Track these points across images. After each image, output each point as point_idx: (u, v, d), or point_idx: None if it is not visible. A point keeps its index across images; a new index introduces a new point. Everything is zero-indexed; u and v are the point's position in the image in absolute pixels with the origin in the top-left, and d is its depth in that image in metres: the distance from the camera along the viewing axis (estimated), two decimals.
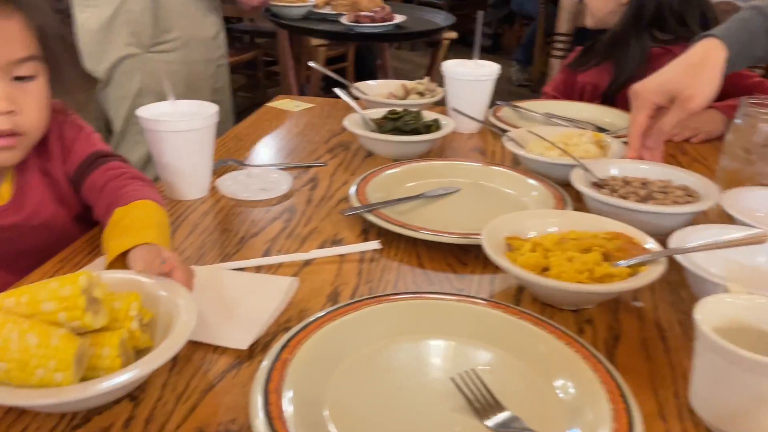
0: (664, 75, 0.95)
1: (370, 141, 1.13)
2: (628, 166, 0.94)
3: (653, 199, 0.83)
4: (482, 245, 0.71)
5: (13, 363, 0.48)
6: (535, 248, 0.72)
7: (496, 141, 1.24)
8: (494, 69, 1.25)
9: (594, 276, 0.67)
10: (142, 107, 0.92)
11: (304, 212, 0.93)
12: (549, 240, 0.73)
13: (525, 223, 0.77)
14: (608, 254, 0.71)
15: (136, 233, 0.71)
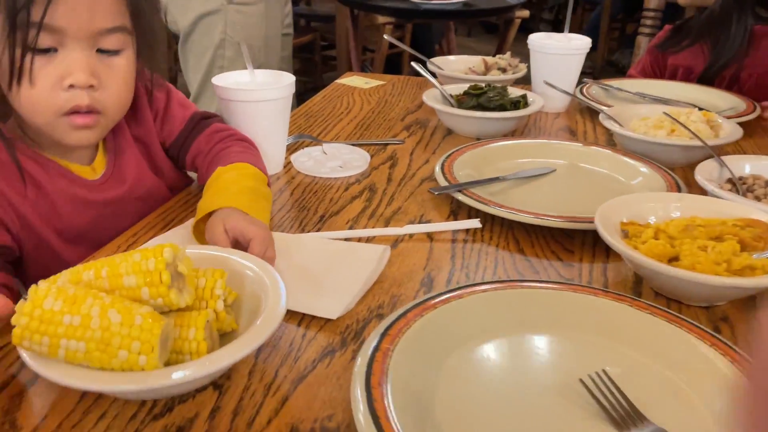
0: None
1: (453, 118, 1.05)
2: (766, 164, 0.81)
3: None
4: (597, 229, 0.63)
5: (94, 343, 0.43)
6: (657, 235, 0.63)
7: (585, 120, 1.15)
8: (586, 42, 1.15)
9: (732, 268, 0.58)
10: (217, 76, 0.86)
11: (386, 191, 0.86)
12: (673, 226, 0.64)
13: (643, 206, 0.68)
14: (744, 243, 0.61)
15: (226, 195, 0.68)
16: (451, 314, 0.55)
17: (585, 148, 0.94)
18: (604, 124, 0.97)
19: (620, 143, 0.97)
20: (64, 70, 0.63)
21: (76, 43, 0.63)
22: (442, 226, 0.76)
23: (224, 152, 0.78)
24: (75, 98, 0.65)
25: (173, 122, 0.81)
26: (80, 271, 0.48)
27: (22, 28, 0.60)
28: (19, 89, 0.63)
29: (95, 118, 0.68)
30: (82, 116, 0.66)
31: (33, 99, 0.64)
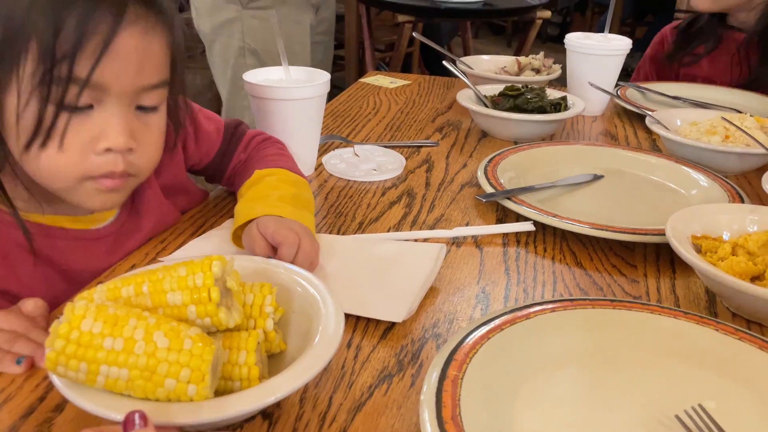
0: None
1: (489, 120, 1.00)
2: None
3: None
4: (671, 244, 0.58)
5: (137, 370, 0.38)
6: (735, 251, 0.58)
7: (625, 124, 1.10)
8: (626, 43, 1.10)
9: None
10: (249, 72, 0.81)
11: (425, 197, 0.81)
12: (753, 241, 0.59)
13: (715, 218, 0.63)
14: None
15: (267, 202, 0.63)
16: (519, 337, 0.50)
17: (633, 153, 0.89)
18: (652, 128, 0.92)
19: (669, 149, 0.92)
20: (100, 131, 0.53)
21: (116, 100, 0.53)
22: (492, 228, 0.72)
23: (260, 155, 0.73)
24: (109, 164, 0.54)
25: (208, 141, 0.73)
26: (118, 287, 0.43)
27: (59, 84, 0.49)
28: (41, 151, 0.52)
29: (126, 181, 0.57)
30: (113, 180, 0.56)
31: (59, 163, 0.53)
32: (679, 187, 0.82)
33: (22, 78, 0.50)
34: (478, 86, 1.09)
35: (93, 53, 0.49)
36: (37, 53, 0.49)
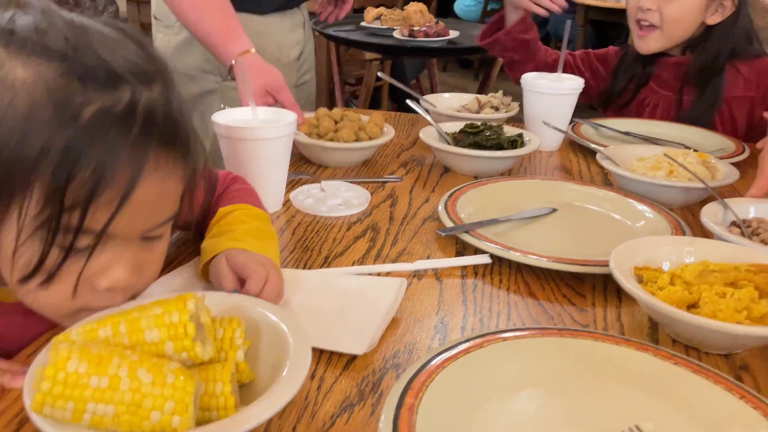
0: None
1: (451, 156, 1.05)
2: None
3: None
4: (614, 276, 0.62)
5: (123, 405, 0.40)
6: (673, 281, 0.63)
7: (579, 159, 1.15)
8: (579, 82, 1.16)
9: (752, 315, 0.58)
10: (217, 113, 0.85)
11: (389, 231, 0.85)
12: (689, 272, 0.63)
13: (656, 250, 0.68)
14: (759, 290, 0.61)
15: (232, 236, 0.66)
16: (473, 365, 0.53)
17: (585, 187, 0.94)
18: (602, 164, 0.97)
19: (618, 183, 0.98)
20: (102, 267, 0.50)
21: (122, 240, 0.50)
22: (452, 261, 0.76)
23: (224, 193, 0.75)
24: (109, 299, 0.52)
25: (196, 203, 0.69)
26: (95, 328, 0.45)
27: (68, 231, 0.46)
28: (38, 289, 0.49)
29: (123, 297, 0.54)
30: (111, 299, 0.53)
31: (55, 298, 0.50)
32: (627, 220, 0.87)
33: (23, 215, 0.45)
34: (441, 123, 1.14)
35: (108, 205, 0.45)
36: (44, 195, 0.44)
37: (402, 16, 2.13)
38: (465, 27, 2.36)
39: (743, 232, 0.75)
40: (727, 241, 0.70)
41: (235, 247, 0.65)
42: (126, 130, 0.44)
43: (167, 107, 0.48)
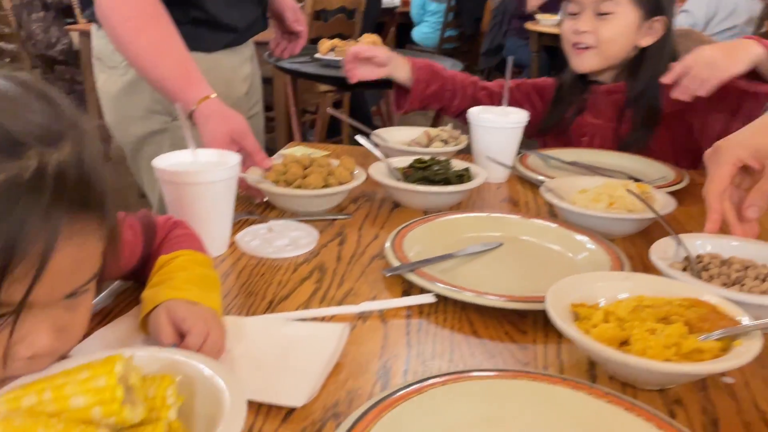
0: (745, 132, 0.86)
1: (399, 192, 1.06)
2: (735, 244, 0.80)
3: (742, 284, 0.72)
4: (548, 314, 0.63)
5: None
6: (607, 317, 0.64)
7: (526, 191, 1.18)
8: (523, 116, 1.19)
9: (681, 351, 0.59)
10: (158, 157, 0.84)
11: (336, 271, 0.85)
12: (622, 308, 0.65)
13: (592, 286, 0.70)
14: (689, 324, 0.63)
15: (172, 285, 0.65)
16: (411, 412, 0.54)
17: (528, 221, 0.96)
18: (545, 197, 0.99)
19: (561, 215, 1.00)
20: (22, 336, 0.47)
21: (42, 307, 0.48)
22: (396, 302, 0.76)
23: (165, 240, 0.74)
24: (33, 366, 0.49)
25: (130, 252, 0.71)
26: (18, 396, 0.44)
27: None
28: None
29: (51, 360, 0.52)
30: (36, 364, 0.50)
31: None
32: (570, 252, 0.89)
33: None
34: (392, 158, 1.16)
35: (24, 278, 0.43)
36: None
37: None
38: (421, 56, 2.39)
39: (692, 268, 0.76)
40: (667, 276, 0.72)
41: (176, 297, 0.64)
42: (36, 198, 0.43)
43: (79, 167, 0.45)
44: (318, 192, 1.00)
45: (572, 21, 1.33)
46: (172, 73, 1.07)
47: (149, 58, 1.08)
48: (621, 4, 1.28)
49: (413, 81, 1.35)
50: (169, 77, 1.08)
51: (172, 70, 1.07)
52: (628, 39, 1.30)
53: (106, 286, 0.78)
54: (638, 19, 1.29)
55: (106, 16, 1.09)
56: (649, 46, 1.31)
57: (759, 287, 0.71)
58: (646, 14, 1.29)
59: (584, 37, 1.30)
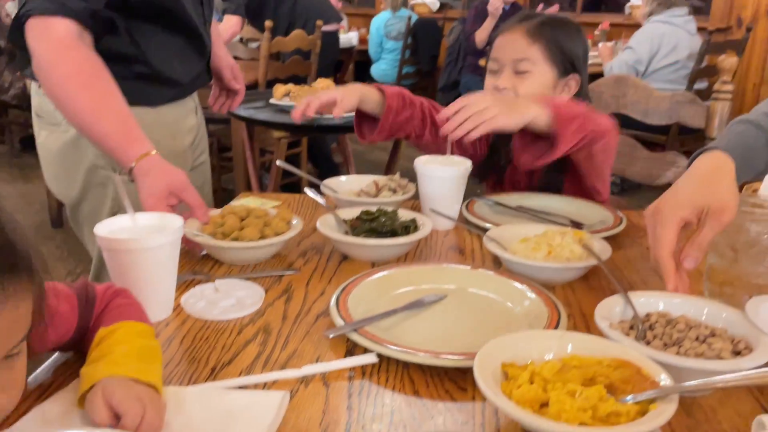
0: (683, 190, 0.88)
1: (346, 245, 1.07)
2: (679, 302, 0.81)
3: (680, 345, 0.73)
4: (475, 375, 0.64)
5: None
6: (533, 378, 0.65)
7: (473, 238, 1.20)
8: (467, 164, 1.23)
9: (598, 415, 0.60)
10: (98, 224, 0.84)
11: (280, 332, 0.85)
12: (549, 368, 0.66)
13: (522, 346, 0.70)
14: (613, 386, 0.64)
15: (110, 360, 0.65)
16: None
17: (472, 271, 0.98)
18: (488, 246, 1.02)
19: (504, 265, 1.03)
20: None
21: None
22: (338, 364, 0.76)
23: (105, 310, 0.74)
24: None
25: (63, 324, 0.71)
26: None
27: None
28: None
29: None
30: None
31: None
32: (512, 303, 0.91)
33: None
34: (342, 209, 1.17)
35: None
36: None
37: (310, 92, 2.18)
38: None
39: (638, 327, 0.78)
40: (605, 337, 0.73)
41: (114, 374, 0.64)
42: None
43: (2, 235, 0.48)
44: (253, 244, 1.01)
45: (493, 78, 1.41)
46: (112, 131, 1.08)
47: (89, 116, 1.08)
48: (538, 64, 1.36)
49: (385, 108, 1.32)
50: (108, 135, 1.08)
51: (111, 128, 1.08)
52: (544, 92, 1.37)
53: (46, 358, 0.77)
54: (554, 78, 1.38)
55: (45, 75, 1.09)
56: None
57: (695, 349, 0.72)
58: (561, 73, 1.38)
59: (504, 93, 1.37)
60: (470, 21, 5.01)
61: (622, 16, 5.15)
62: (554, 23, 1.38)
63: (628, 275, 1.05)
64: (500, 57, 1.38)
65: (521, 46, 1.36)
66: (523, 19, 1.40)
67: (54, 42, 1.06)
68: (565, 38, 1.37)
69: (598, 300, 0.82)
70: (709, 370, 0.67)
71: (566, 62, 1.37)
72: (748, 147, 0.92)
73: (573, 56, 1.37)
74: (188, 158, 1.41)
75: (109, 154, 1.10)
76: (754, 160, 0.93)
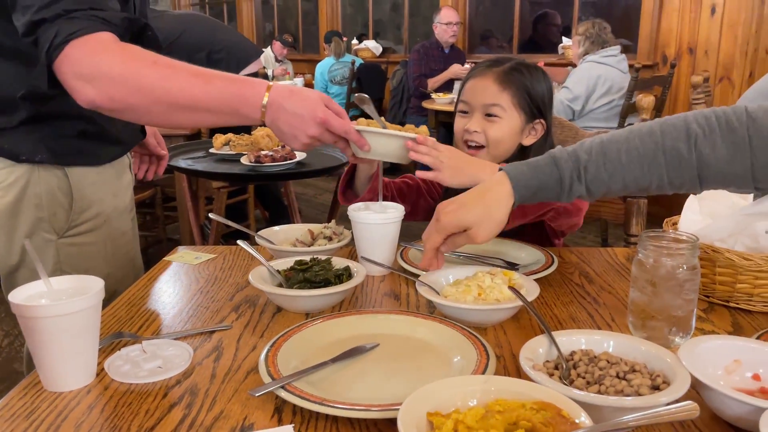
0: (462, 207, 0.99)
1: (279, 297, 1.06)
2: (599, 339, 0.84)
3: (602, 384, 0.75)
4: (398, 424, 0.64)
5: None
6: (457, 427, 0.65)
7: (409, 284, 1.21)
8: (400, 211, 1.24)
9: None
10: (13, 290, 0.81)
11: (208, 392, 0.83)
12: (472, 416, 0.66)
13: (446, 393, 0.70)
14: (535, 429, 0.65)
15: None
16: None
17: (407, 317, 0.98)
18: (420, 291, 1.03)
19: (437, 309, 1.03)
20: None
21: None
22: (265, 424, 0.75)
23: None
24: None
25: None
26: None
27: None
28: None
29: None
30: None
31: None
32: (445, 349, 0.91)
33: None
34: (278, 259, 1.17)
35: None
36: None
37: (250, 141, 2.18)
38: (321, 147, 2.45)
39: (562, 366, 0.79)
40: (530, 380, 0.73)
41: None
42: None
43: None
44: None
45: (463, 119, 1.46)
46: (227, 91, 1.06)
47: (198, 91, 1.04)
48: (507, 110, 1.42)
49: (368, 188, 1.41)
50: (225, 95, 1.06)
51: (225, 89, 1.06)
52: (513, 139, 1.44)
53: None
54: (522, 123, 1.44)
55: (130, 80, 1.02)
56: (532, 145, 1.46)
57: (615, 386, 0.74)
58: (528, 118, 1.44)
59: (474, 135, 1.42)
60: (412, 65, 5.15)
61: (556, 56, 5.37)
62: (523, 69, 1.44)
63: (558, 312, 1.07)
64: (471, 101, 1.44)
65: (492, 92, 1.41)
66: (493, 64, 1.45)
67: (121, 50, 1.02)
68: (533, 84, 1.43)
69: (528, 339, 0.83)
70: (626, 407, 0.68)
71: (533, 107, 1.44)
72: (538, 181, 0.97)
73: (540, 101, 1.44)
74: (129, 215, 1.39)
75: (231, 112, 1.07)
76: (541, 195, 0.98)
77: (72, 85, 1.01)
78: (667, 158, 0.90)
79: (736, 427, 0.74)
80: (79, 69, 1.00)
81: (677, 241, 0.95)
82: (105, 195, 1.28)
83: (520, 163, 0.99)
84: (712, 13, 4.47)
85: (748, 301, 1.08)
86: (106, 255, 1.31)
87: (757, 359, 0.79)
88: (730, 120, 0.88)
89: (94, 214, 1.26)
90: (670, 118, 0.94)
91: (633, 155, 0.92)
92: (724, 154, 0.88)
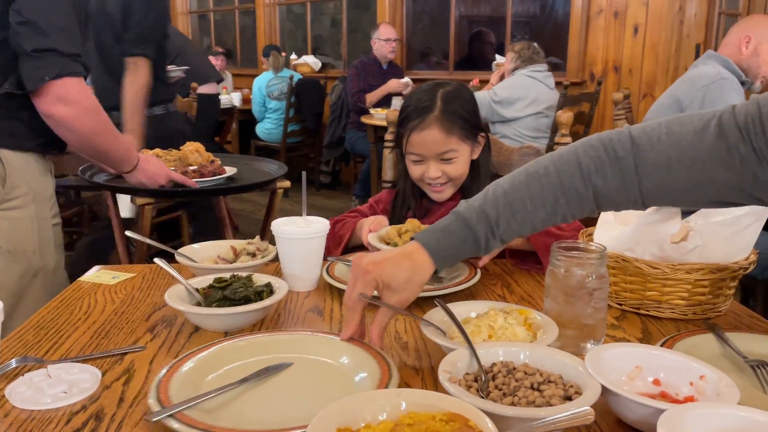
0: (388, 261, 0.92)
1: (195, 316, 1.03)
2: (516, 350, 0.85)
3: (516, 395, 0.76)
4: None
5: None
6: None
7: (334, 299, 1.20)
8: (324, 225, 1.23)
9: None
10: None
11: (114, 418, 0.80)
12: (381, 430, 0.66)
13: (355, 409, 0.69)
14: None
15: None
16: None
17: (319, 336, 0.95)
18: (425, 332, 0.95)
19: None
20: None
21: None
22: None
23: None
24: None
25: None
26: None
27: None
28: None
29: None
30: None
31: None
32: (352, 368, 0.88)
33: None
34: (197, 279, 1.14)
35: None
36: None
37: (178, 156, 2.13)
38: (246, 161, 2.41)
39: (481, 378, 0.80)
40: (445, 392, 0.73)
41: None
42: None
43: None
44: None
45: (420, 166, 1.49)
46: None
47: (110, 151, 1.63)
48: (459, 148, 1.47)
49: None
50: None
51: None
52: (468, 163, 1.51)
53: None
54: (471, 147, 1.50)
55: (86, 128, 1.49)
56: (479, 157, 1.53)
57: (528, 397, 0.75)
58: (474, 140, 1.51)
59: (437, 179, 1.48)
60: (350, 80, 5.17)
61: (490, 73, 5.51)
62: (453, 100, 1.46)
63: None
64: (424, 153, 1.46)
65: (441, 141, 1.44)
66: (427, 109, 1.44)
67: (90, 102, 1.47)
68: (465, 107, 1.47)
69: None
70: (533, 417, 0.69)
71: (473, 127, 1.49)
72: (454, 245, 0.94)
73: (475, 118, 1.50)
74: (50, 207, 1.57)
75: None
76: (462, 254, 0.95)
77: (49, 100, 1.41)
78: (568, 197, 0.93)
79: (639, 431, 0.76)
80: (65, 96, 1.42)
81: (587, 251, 0.98)
82: (32, 180, 1.51)
83: (431, 230, 0.95)
84: (635, 33, 4.70)
85: (657, 308, 1.12)
86: (38, 235, 1.52)
87: (658, 365, 0.82)
88: (617, 149, 0.92)
89: (23, 192, 1.48)
90: (562, 154, 0.95)
91: (537, 202, 0.93)
92: (615, 184, 0.92)
